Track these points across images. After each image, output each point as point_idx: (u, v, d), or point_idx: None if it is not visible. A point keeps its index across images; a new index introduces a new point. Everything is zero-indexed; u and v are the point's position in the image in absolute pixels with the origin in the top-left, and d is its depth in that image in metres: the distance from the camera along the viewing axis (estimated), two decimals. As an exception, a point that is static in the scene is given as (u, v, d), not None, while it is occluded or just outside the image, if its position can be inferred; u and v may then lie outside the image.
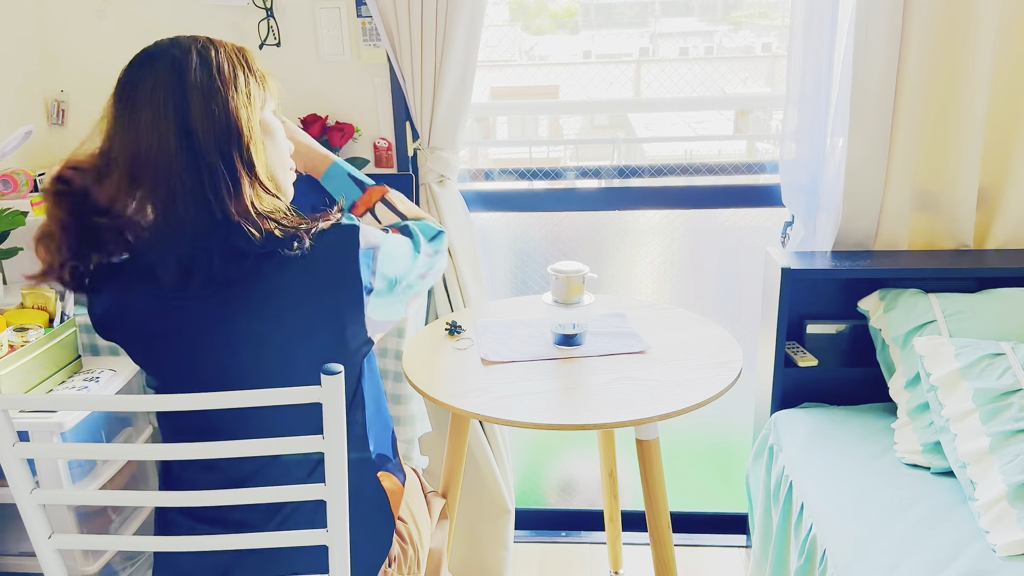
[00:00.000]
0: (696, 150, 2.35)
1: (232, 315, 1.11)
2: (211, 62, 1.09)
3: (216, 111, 1.06)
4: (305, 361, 1.12)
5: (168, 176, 1.05)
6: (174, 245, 1.07)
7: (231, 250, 1.07)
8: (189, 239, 1.06)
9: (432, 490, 1.59)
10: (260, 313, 1.11)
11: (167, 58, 1.08)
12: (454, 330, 1.87)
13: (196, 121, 1.05)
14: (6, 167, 1.96)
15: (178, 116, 1.05)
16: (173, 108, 1.05)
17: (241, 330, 1.11)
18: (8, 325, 1.67)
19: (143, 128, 1.06)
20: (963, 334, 1.76)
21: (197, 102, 1.06)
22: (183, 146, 1.05)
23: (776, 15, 2.24)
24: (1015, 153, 1.91)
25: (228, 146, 1.07)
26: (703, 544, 2.40)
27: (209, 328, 1.11)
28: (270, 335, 1.11)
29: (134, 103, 1.06)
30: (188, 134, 1.05)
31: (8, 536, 1.78)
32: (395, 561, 1.31)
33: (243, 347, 1.11)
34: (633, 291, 2.37)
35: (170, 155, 1.05)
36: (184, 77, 1.06)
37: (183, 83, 1.06)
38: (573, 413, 1.50)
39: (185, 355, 1.13)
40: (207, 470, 1.19)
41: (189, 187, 1.05)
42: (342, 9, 2.03)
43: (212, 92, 1.07)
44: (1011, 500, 1.41)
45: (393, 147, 2.13)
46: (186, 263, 1.07)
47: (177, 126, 1.05)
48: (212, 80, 1.07)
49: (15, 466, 1.04)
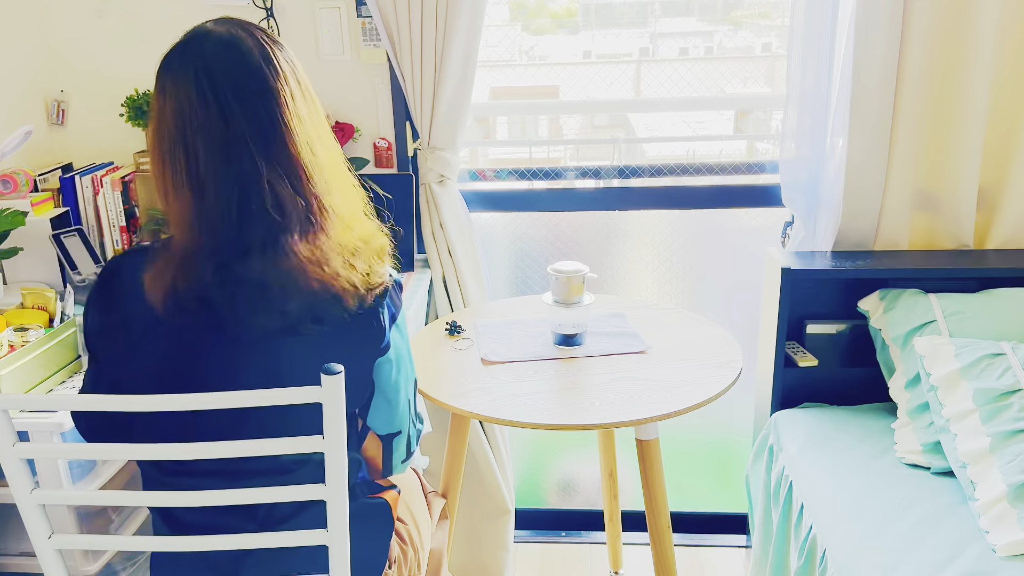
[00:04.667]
0: (696, 150, 2.35)
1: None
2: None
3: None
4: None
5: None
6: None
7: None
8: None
9: (432, 490, 1.59)
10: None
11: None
12: (454, 330, 1.87)
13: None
14: (6, 167, 1.96)
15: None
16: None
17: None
18: (8, 325, 1.67)
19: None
20: (963, 334, 1.76)
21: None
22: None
23: (776, 15, 2.24)
24: (1015, 153, 1.91)
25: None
26: (703, 544, 2.40)
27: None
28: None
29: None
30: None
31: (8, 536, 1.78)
32: (395, 562, 1.31)
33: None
34: (633, 291, 2.37)
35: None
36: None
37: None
38: (573, 413, 1.50)
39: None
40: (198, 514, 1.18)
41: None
42: (342, 9, 2.03)
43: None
44: (1011, 500, 1.41)
45: (393, 147, 2.13)
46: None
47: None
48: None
49: (15, 466, 1.04)
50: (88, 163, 2.16)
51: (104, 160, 2.18)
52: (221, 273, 1.04)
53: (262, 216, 1.04)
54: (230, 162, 1.03)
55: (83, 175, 2.03)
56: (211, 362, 1.09)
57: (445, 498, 1.68)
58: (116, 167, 2.13)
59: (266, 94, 1.05)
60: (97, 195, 2.03)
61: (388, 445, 1.28)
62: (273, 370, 1.08)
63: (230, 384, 1.05)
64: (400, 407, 1.25)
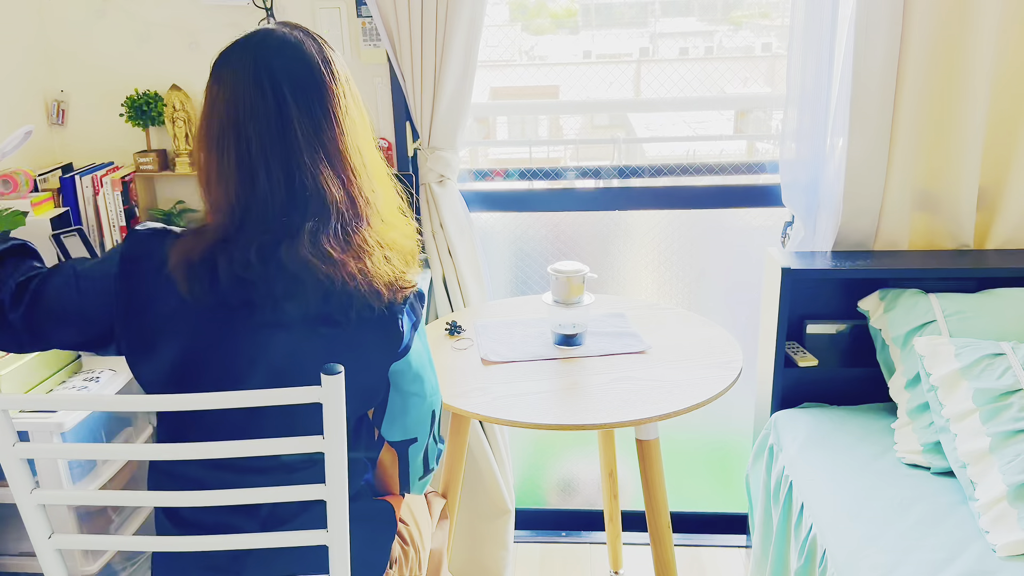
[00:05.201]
0: (696, 150, 2.35)
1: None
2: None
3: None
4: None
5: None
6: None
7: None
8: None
9: (432, 490, 1.59)
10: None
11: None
12: (454, 330, 1.87)
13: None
14: (6, 167, 1.96)
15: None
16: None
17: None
18: (8, 325, 1.67)
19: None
20: (963, 334, 1.76)
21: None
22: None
23: (776, 15, 2.24)
24: (1015, 153, 1.91)
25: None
26: (703, 544, 2.40)
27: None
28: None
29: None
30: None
31: (8, 536, 1.78)
32: (396, 562, 1.31)
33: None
34: (633, 291, 2.37)
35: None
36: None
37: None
38: (573, 413, 1.50)
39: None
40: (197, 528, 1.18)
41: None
42: (342, 9, 2.03)
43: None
44: (1011, 500, 1.41)
45: (393, 147, 2.13)
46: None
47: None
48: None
49: (15, 466, 1.04)
50: (88, 163, 2.16)
51: (104, 160, 2.18)
52: (263, 255, 1.05)
53: (308, 205, 1.06)
54: (281, 151, 1.05)
55: (83, 175, 2.03)
56: (233, 347, 1.09)
57: (445, 498, 1.68)
58: (116, 167, 2.13)
59: (322, 92, 1.08)
60: (97, 195, 2.03)
61: (404, 455, 1.28)
62: (294, 357, 1.09)
63: (248, 369, 1.07)
64: (415, 413, 1.25)
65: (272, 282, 1.06)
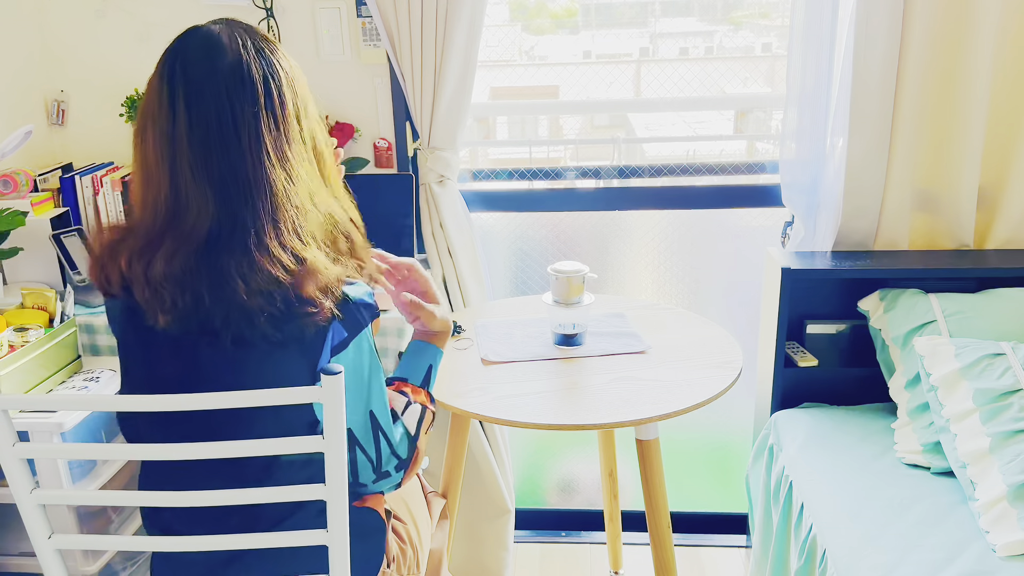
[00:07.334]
0: (696, 150, 2.35)
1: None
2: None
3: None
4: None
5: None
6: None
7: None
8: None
9: (432, 490, 1.59)
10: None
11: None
12: (454, 330, 1.87)
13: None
14: (6, 167, 1.96)
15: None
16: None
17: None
18: (8, 325, 1.68)
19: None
20: (963, 334, 1.76)
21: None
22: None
23: (776, 15, 2.24)
24: (1015, 153, 1.91)
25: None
26: (703, 544, 2.40)
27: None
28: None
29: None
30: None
31: (8, 536, 1.78)
32: (394, 561, 1.31)
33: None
34: (633, 291, 2.37)
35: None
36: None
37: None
38: (573, 413, 1.50)
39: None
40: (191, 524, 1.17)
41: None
42: (342, 9, 2.03)
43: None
44: (1011, 500, 1.41)
45: (393, 147, 2.13)
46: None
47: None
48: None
49: (15, 466, 1.04)
50: (88, 163, 2.16)
51: (104, 160, 2.18)
52: (133, 265, 1.02)
53: (186, 214, 1.02)
54: (169, 158, 1.02)
55: (83, 175, 2.03)
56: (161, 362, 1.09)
57: (445, 498, 1.68)
58: (116, 167, 2.13)
59: (220, 100, 1.01)
60: (97, 195, 2.04)
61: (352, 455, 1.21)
62: (198, 366, 1.07)
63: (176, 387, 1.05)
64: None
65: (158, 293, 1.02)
